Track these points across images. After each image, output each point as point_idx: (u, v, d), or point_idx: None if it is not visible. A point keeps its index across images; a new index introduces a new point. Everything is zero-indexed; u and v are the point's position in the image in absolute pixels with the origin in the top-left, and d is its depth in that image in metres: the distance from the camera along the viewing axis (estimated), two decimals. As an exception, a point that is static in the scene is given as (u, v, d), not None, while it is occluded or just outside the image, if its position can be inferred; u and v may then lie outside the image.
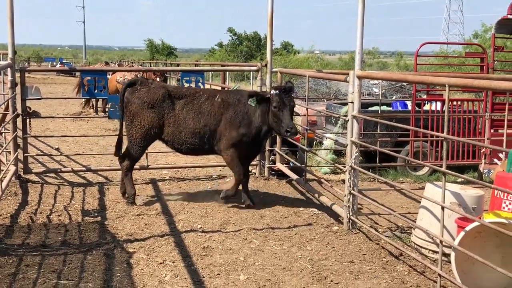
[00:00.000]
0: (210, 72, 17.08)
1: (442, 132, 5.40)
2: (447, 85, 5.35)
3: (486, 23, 28.37)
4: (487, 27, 27.78)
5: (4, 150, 9.10)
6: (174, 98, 7.89)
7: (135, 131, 7.90)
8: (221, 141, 7.81)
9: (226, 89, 13.28)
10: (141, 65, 32.91)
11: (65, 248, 6.17)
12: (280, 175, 9.75)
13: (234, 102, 7.86)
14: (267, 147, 9.62)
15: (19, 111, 9.16)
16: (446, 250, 5.50)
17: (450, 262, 5.24)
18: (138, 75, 17.72)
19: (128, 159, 8.05)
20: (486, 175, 9.75)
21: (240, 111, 7.79)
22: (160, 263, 5.79)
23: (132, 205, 7.86)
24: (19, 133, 9.27)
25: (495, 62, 11.36)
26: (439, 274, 5.26)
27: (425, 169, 10.83)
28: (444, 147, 5.42)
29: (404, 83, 16.21)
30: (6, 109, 9.44)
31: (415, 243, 6.51)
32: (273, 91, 7.53)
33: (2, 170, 8.52)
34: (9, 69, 8.78)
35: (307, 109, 10.10)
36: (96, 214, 7.49)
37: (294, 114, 8.52)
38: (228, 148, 7.79)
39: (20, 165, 9.28)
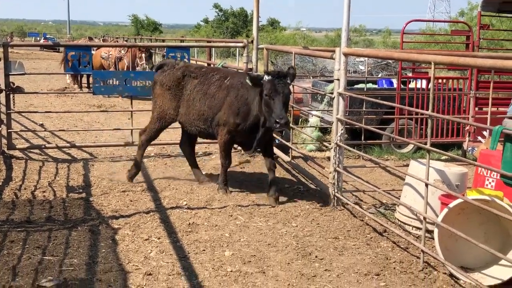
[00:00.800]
0: (195, 48, 16.97)
1: (427, 109, 5.42)
2: (432, 63, 5.36)
3: (472, 1, 28.41)
4: (473, 5, 27.82)
5: (-12, 126, 9.07)
6: (191, 78, 7.72)
7: (155, 111, 7.93)
8: (218, 126, 7.45)
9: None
10: (126, 41, 32.62)
11: (50, 224, 6.16)
12: (266, 152, 9.77)
13: (237, 86, 7.39)
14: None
15: (2, 86, 9.09)
16: (430, 227, 5.55)
17: (433, 238, 5.30)
18: (122, 51, 17.62)
19: (144, 135, 8.05)
20: (470, 152, 9.81)
21: (241, 96, 7.29)
22: (146, 239, 5.81)
23: (128, 180, 7.92)
24: (3, 108, 9.20)
25: (481, 40, 11.39)
26: (422, 250, 5.32)
27: (410, 147, 10.88)
28: (429, 125, 5.45)
29: (390, 61, 16.23)
30: (-11, 84, 9.36)
31: (399, 220, 6.57)
32: (265, 77, 6.81)
33: (-14, 146, 8.50)
34: (-8, 43, 8.67)
35: (293, 86, 10.08)
36: (81, 191, 7.48)
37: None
38: (223, 135, 7.39)
39: (4, 141, 9.21)
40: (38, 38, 56.41)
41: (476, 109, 10.62)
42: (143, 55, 17.26)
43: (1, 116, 9.18)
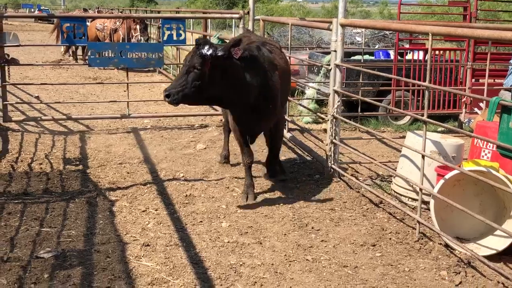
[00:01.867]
0: (191, 20, 16.81)
1: (424, 81, 5.41)
2: (430, 34, 5.34)
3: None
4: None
5: (-17, 98, 9.03)
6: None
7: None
8: None
9: (208, 38, 13.12)
10: (121, 12, 32.29)
11: (47, 196, 6.19)
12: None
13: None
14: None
15: (-3, 58, 9.01)
16: (426, 198, 5.58)
17: (429, 209, 5.33)
18: (117, 23, 17.48)
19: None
20: (467, 124, 9.83)
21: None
22: (143, 211, 5.83)
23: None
24: (-2, 81, 9.14)
25: (478, 11, 11.34)
26: (418, 221, 5.36)
27: (406, 119, 10.88)
28: (426, 96, 5.45)
29: (387, 33, 16.15)
30: (-17, 56, 9.29)
31: (395, 191, 6.59)
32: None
33: (-19, 118, 8.47)
34: (-15, 15, 8.60)
35: (289, 57, 10.04)
36: (78, 163, 7.48)
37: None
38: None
39: (0, 113, 9.19)
40: (33, 10, 55.91)
41: (473, 80, 10.60)
42: (138, 26, 17.11)
43: (-4, 89, 9.14)
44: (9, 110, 9.32)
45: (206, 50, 5.43)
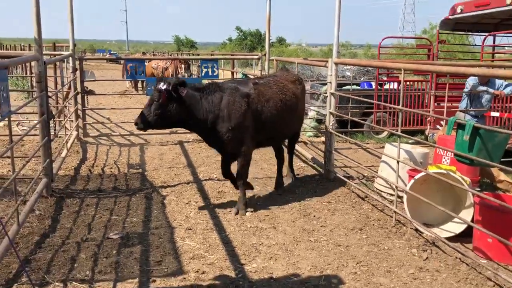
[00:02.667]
0: (222, 60, 16.92)
1: (398, 105, 5.38)
2: (402, 69, 5.32)
3: (433, 22, 28.02)
4: (433, 25, 27.44)
5: (68, 119, 9.12)
6: None
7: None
8: None
9: (235, 73, 13.15)
10: (170, 55, 32.57)
11: (115, 192, 6.23)
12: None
13: None
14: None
15: (79, 90, 9.14)
16: (400, 193, 5.53)
17: (403, 202, 5.27)
18: (167, 63, 17.61)
19: None
20: (431, 137, 9.73)
21: None
22: (186, 203, 5.84)
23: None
24: (79, 106, 9.26)
25: (439, 52, 11.32)
26: (394, 211, 5.31)
27: (385, 133, 10.81)
28: (399, 116, 5.41)
29: (370, 69, 16.08)
30: (69, 88, 9.42)
31: (377, 188, 6.54)
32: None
33: (67, 134, 8.54)
34: (70, 58, 8.74)
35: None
36: (138, 167, 7.52)
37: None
38: None
39: (80, 130, 9.29)
40: (105, 53, 56.46)
41: (435, 104, 10.55)
42: (183, 66, 17.26)
43: (78, 112, 9.24)
44: (87, 128, 9.42)
45: (161, 86, 5.23)
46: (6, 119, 4.11)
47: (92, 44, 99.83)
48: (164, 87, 5.21)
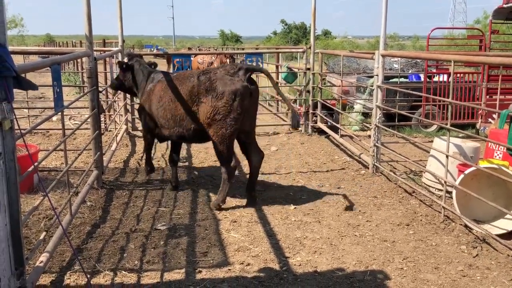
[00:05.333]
0: (267, 54, 16.93)
1: (448, 98, 5.24)
2: (452, 61, 5.18)
3: (487, 10, 27.06)
4: (488, 14, 26.47)
5: (118, 113, 9.38)
6: None
7: None
8: None
9: (279, 67, 13.15)
10: (215, 50, 32.87)
11: (163, 184, 6.36)
12: (320, 132, 9.69)
13: None
14: (311, 110, 9.56)
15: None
16: (449, 189, 5.40)
17: (452, 197, 5.15)
18: (213, 57, 17.79)
19: None
20: (482, 131, 9.47)
21: None
22: (231, 196, 5.88)
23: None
24: (128, 101, 9.49)
25: (492, 43, 10.94)
26: (443, 207, 5.19)
27: (434, 127, 10.57)
28: (449, 110, 5.28)
29: (418, 60, 15.72)
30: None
31: (424, 184, 6.41)
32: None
33: (117, 128, 8.80)
34: (119, 53, 8.96)
35: (341, 81, 9.93)
36: (184, 160, 7.65)
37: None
38: None
39: (129, 124, 9.53)
40: (152, 49, 57.68)
41: (487, 97, 10.23)
42: (228, 60, 17.37)
43: (127, 106, 9.48)
44: (136, 122, 9.65)
45: (120, 62, 6.33)
46: (59, 113, 4.29)
47: (140, 39, 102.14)
48: (120, 63, 6.32)
